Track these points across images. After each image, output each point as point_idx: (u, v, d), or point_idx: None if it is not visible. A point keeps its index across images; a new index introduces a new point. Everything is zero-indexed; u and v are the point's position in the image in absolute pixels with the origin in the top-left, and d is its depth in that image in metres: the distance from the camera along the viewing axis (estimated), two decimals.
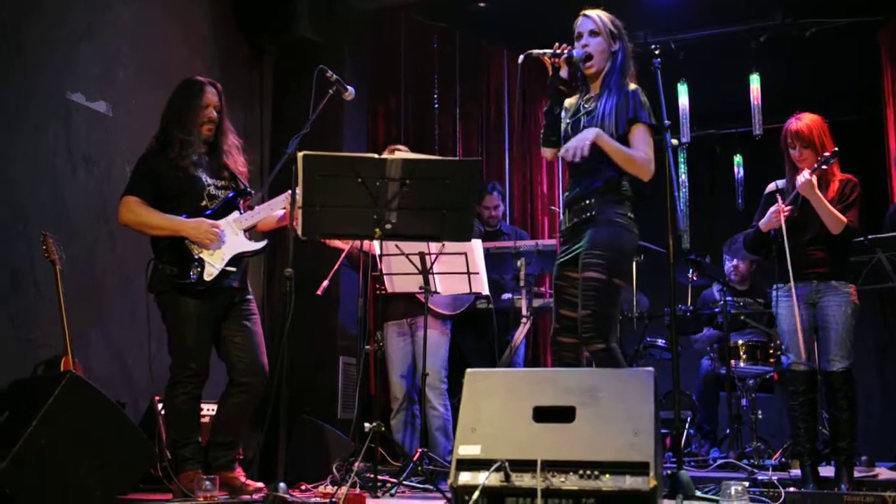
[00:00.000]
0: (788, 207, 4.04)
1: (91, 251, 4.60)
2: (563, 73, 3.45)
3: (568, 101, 3.60)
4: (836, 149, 4.01)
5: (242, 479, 3.74)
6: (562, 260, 3.48)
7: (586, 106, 3.47)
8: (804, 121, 4.11)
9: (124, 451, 3.42)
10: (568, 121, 3.51)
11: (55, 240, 4.06)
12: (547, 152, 3.62)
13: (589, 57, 3.45)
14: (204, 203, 3.78)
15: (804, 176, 3.96)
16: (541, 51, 3.43)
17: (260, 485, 3.73)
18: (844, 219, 3.96)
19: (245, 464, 4.01)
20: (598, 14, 3.50)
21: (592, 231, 3.34)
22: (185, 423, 3.72)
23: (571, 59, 3.43)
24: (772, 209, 4.09)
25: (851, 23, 6.47)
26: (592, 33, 3.46)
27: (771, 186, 4.31)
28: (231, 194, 3.85)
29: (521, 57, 3.42)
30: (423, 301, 4.45)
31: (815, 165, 4.02)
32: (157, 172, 3.73)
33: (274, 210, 3.84)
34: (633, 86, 3.45)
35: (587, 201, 3.38)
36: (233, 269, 3.74)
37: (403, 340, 5.01)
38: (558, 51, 3.41)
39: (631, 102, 3.38)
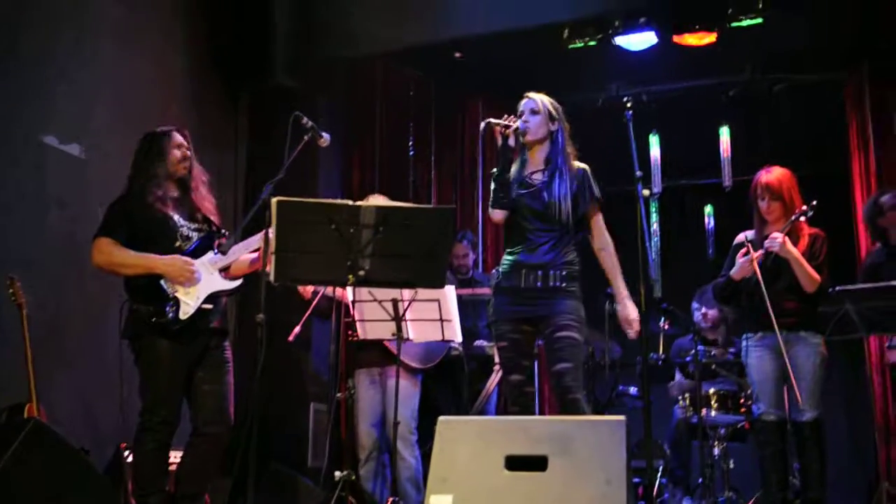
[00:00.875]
0: (759, 253, 4.09)
1: (60, 294, 4.54)
2: (511, 141, 3.82)
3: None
4: (815, 202, 4.09)
5: None
6: (517, 317, 3.77)
7: (533, 177, 3.84)
8: (775, 174, 4.20)
9: (88, 500, 3.35)
10: (521, 192, 3.82)
11: (23, 283, 4.01)
12: (498, 214, 3.85)
13: (527, 132, 3.85)
14: (178, 244, 3.76)
15: (777, 240, 4.01)
16: (496, 121, 3.81)
17: None
18: (819, 278, 4.02)
19: None
20: (539, 97, 3.91)
21: (561, 300, 3.71)
22: (152, 471, 3.63)
23: (517, 130, 3.81)
24: (743, 258, 4.14)
25: (817, 79, 6.64)
26: (533, 112, 3.87)
27: (740, 237, 4.37)
28: (205, 235, 3.84)
29: (483, 125, 3.83)
30: (395, 350, 4.43)
31: (792, 219, 4.09)
32: (130, 214, 3.71)
33: (249, 249, 3.82)
34: (582, 165, 3.87)
35: (555, 272, 3.73)
36: (209, 306, 3.70)
37: (374, 389, 4.97)
38: (506, 122, 3.81)
39: (588, 183, 3.83)
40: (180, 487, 3.70)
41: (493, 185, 3.83)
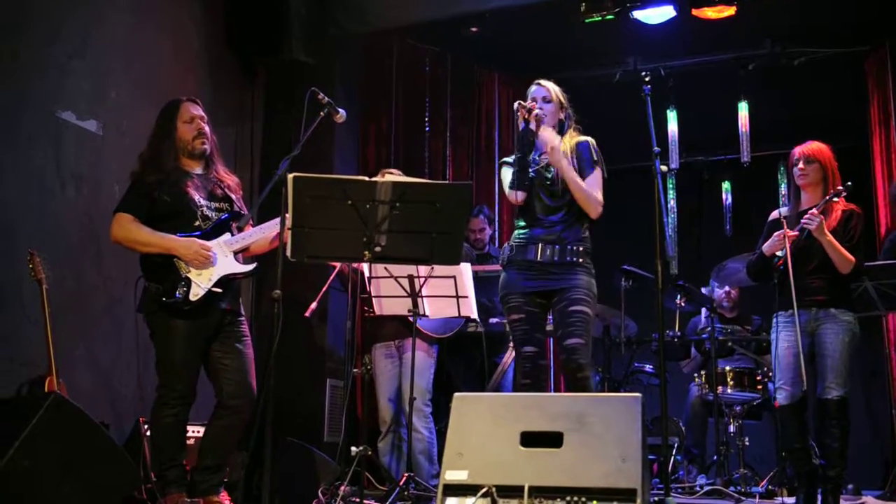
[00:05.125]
0: (795, 233, 4.05)
1: (78, 270, 4.58)
2: (533, 125, 3.85)
3: None
4: (850, 183, 4.06)
5: (227, 503, 3.70)
6: (531, 290, 3.81)
7: (541, 158, 3.89)
8: (814, 144, 4.21)
9: (108, 473, 3.39)
10: (532, 170, 3.88)
11: (42, 258, 4.04)
12: (519, 195, 3.87)
13: (543, 117, 3.89)
14: (197, 224, 3.76)
15: (815, 220, 3.98)
16: (524, 104, 3.86)
17: None
18: (853, 259, 4.00)
19: (229, 486, 3.97)
20: (549, 85, 3.97)
21: (578, 275, 3.78)
22: (170, 445, 3.67)
23: (537, 116, 3.86)
24: (778, 234, 4.10)
25: (838, 53, 6.55)
26: (545, 100, 3.93)
27: (774, 214, 4.34)
28: (224, 216, 3.84)
29: (515, 105, 3.86)
30: (412, 323, 4.44)
31: (826, 198, 4.05)
32: (152, 191, 3.72)
33: (265, 233, 3.83)
34: (583, 137, 3.92)
35: (572, 247, 3.79)
36: (219, 290, 3.72)
37: (391, 363, 5.00)
38: (529, 106, 3.85)
39: (588, 150, 3.87)
40: (203, 459, 3.73)
41: (513, 167, 3.87)
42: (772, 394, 4.18)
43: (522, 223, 3.92)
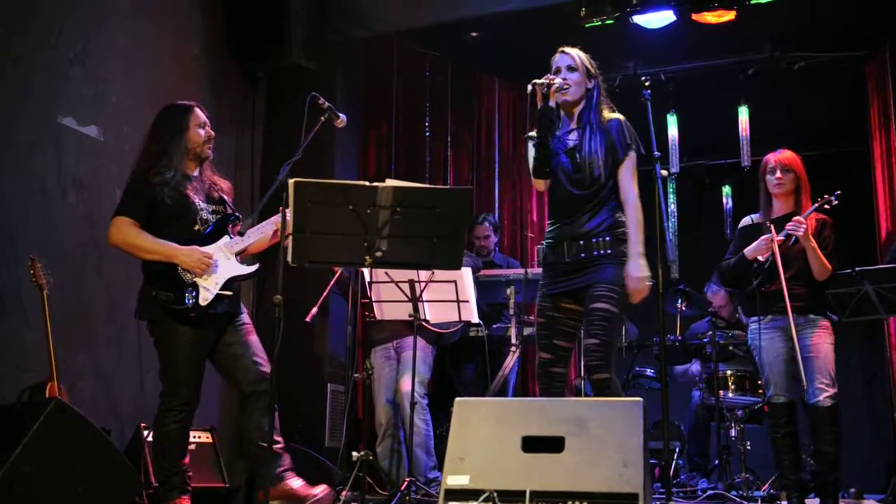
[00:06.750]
0: (781, 238, 4.08)
1: (79, 276, 4.58)
2: (552, 102, 3.56)
3: None
4: (839, 192, 4.11)
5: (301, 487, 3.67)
6: (557, 292, 3.57)
7: (568, 137, 3.62)
8: (786, 153, 4.27)
9: (110, 479, 3.39)
10: (557, 150, 3.61)
11: (43, 264, 4.04)
12: (541, 184, 3.61)
13: (567, 87, 3.59)
14: (197, 228, 3.76)
15: (802, 226, 4.01)
16: (539, 81, 3.54)
17: (322, 488, 3.68)
18: (831, 267, 4.06)
19: (231, 492, 3.97)
20: (575, 52, 3.67)
21: (605, 268, 3.48)
22: (174, 451, 3.66)
23: (559, 89, 3.57)
24: (763, 238, 4.13)
25: (838, 57, 6.56)
26: (570, 68, 3.62)
27: (745, 220, 4.39)
28: (220, 218, 3.84)
29: (529, 87, 3.54)
30: (410, 322, 4.42)
31: (815, 206, 4.11)
32: (151, 195, 3.71)
33: (263, 232, 3.83)
34: (616, 115, 3.62)
35: (599, 239, 3.50)
36: (228, 292, 3.72)
37: (389, 365, 5.00)
38: (548, 81, 3.55)
39: (623, 132, 3.56)
40: (262, 450, 3.58)
41: (533, 153, 3.56)
42: (767, 399, 4.19)
43: (551, 219, 3.63)
